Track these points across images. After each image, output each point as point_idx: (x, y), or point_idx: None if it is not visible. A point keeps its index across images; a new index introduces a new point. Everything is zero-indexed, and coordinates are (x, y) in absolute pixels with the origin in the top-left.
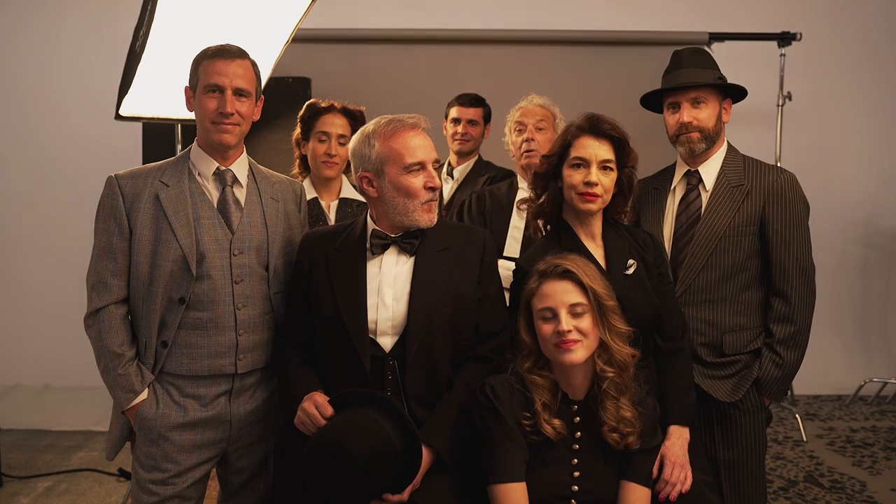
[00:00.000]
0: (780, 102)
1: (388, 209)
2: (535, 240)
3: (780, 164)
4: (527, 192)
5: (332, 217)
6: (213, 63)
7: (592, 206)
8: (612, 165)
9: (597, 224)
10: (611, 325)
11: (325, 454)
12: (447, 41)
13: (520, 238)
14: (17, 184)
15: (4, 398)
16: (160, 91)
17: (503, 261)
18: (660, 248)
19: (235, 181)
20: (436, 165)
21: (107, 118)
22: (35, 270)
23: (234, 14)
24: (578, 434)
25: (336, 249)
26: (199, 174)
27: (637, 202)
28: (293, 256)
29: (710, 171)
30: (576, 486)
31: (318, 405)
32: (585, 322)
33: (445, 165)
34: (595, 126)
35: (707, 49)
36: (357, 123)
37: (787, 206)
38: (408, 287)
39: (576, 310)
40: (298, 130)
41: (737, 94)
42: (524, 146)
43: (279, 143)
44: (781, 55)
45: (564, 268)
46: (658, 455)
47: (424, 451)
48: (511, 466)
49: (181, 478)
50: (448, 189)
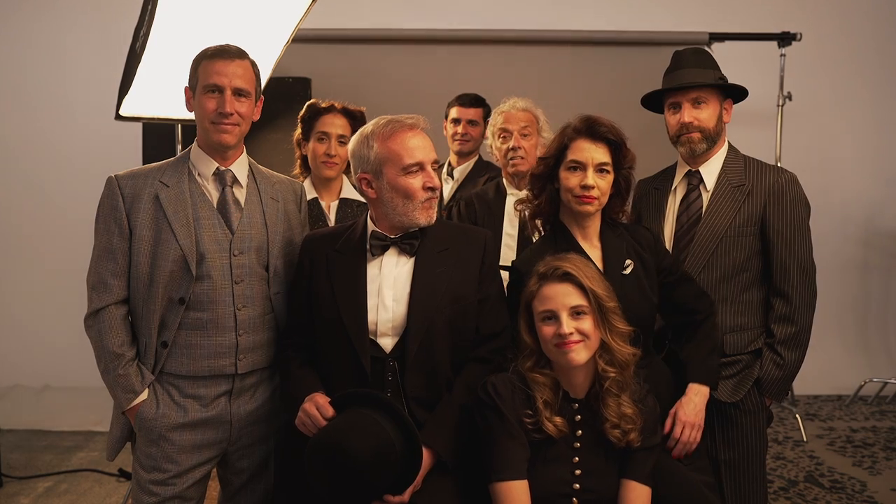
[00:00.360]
0: (781, 102)
1: (387, 210)
2: (532, 240)
3: (781, 164)
4: (516, 197)
5: (333, 217)
6: (213, 63)
7: (589, 209)
8: (609, 168)
9: (594, 224)
10: (611, 326)
11: (325, 454)
12: (447, 41)
13: (514, 245)
14: (18, 184)
15: (4, 398)
16: (160, 91)
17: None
18: (659, 243)
19: (235, 181)
20: (435, 166)
21: (107, 118)
22: (35, 271)
23: (235, 14)
24: (580, 432)
25: (336, 251)
26: (199, 174)
27: (638, 202)
28: (293, 257)
29: (711, 172)
30: (577, 485)
31: (319, 406)
32: (586, 323)
33: (445, 166)
34: (591, 129)
35: (707, 49)
36: (357, 124)
37: (788, 207)
38: (408, 288)
39: (577, 311)
40: (299, 131)
41: (737, 95)
42: (510, 154)
43: (279, 144)
44: (781, 55)
45: (564, 270)
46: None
47: (425, 453)
48: (513, 464)
49: (181, 478)
50: (448, 189)
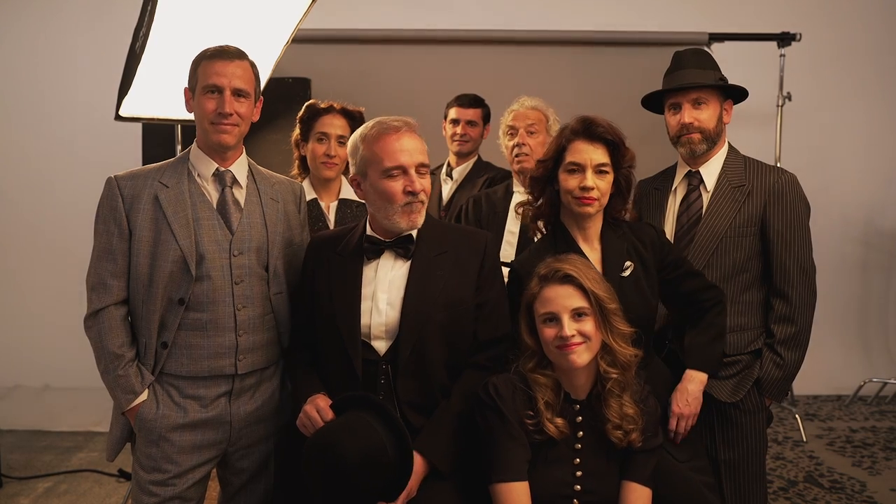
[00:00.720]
0: (780, 103)
1: (374, 212)
2: (534, 239)
3: (780, 165)
4: (522, 196)
5: (332, 218)
6: (212, 64)
7: (590, 210)
8: (608, 168)
9: (595, 225)
10: (613, 327)
11: (318, 455)
12: (447, 41)
13: (514, 242)
14: (17, 184)
15: (4, 399)
16: (160, 92)
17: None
18: (663, 239)
19: (235, 182)
20: (424, 170)
21: (107, 119)
22: (35, 271)
23: (234, 15)
24: (581, 434)
25: (337, 253)
26: (199, 175)
27: (638, 203)
28: (293, 257)
29: (711, 172)
30: (578, 486)
31: (320, 409)
32: (588, 325)
33: (445, 166)
34: (589, 129)
35: (707, 50)
36: (356, 124)
37: (788, 207)
38: (402, 292)
39: (578, 313)
40: (298, 131)
41: (737, 95)
42: (515, 150)
43: (279, 144)
44: (781, 56)
45: (565, 272)
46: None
47: (418, 459)
48: (514, 465)
49: (181, 479)
50: (447, 190)
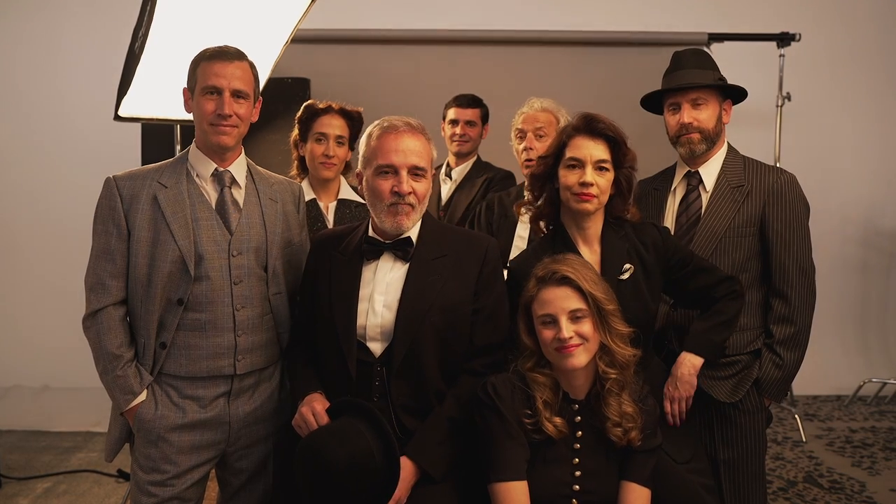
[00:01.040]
0: (780, 103)
1: (370, 210)
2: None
3: (780, 165)
4: None
5: (331, 218)
6: (211, 65)
7: (588, 207)
8: (608, 165)
9: (595, 225)
10: (611, 328)
11: (307, 458)
12: (447, 41)
13: (524, 247)
14: (17, 184)
15: (3, 399)
16: (159, 92)
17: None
18: (667, 241)
19: (234, 182)
20: (418, 173)
21: (106, 119)
22: (34, 271)
23: (234, 15)
24: (580, 433)
25: (339, 252)
26: (198, 175)
27: (637, 203)
28: (292, 257)
29: (711, 172)
30: (577, 486)
31: (315, 412)
32: (586, 326)
33: (444, 166)
34: (590, 125)
35: (706, 50)
36: (355, 124)
37: (788, 207)
38: (398, 294)
39: (576, 315)
40: (296, 132)
41: (737, 96)
42: (524, 155)
43: (278, 144)
44: (780, 56)
45: (563, 274)
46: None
47: (409, 464)
48: (512, 465)
49: (180, 479)
50: (446, 190)
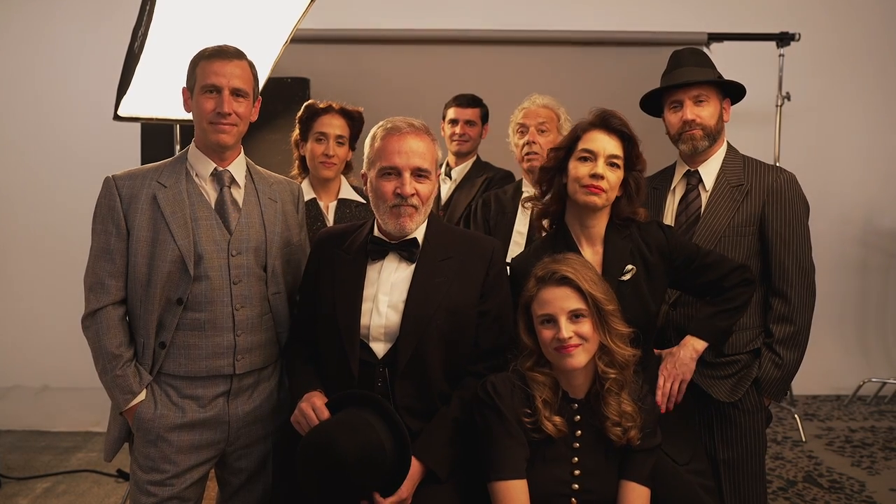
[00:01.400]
0: (779, 103)
1: (374, 210)
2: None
3: (779, 165)
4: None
5: (331, 218)
6: (211, 63)
7: (596, 200)
8: (620, 163)
9: (600, 224)
10: (611, 328)
11: (314, 452)
12: (447, 41)
13: (522, 243)
14: (16, 184)
15: (3, 399)
16: (158, 92)
17: None
18: (672, 242)
19: (233, 182)
20: (423, 174)
21: (105, 119)
22: (33, 271)
23: (233, 14)
24: (579, 432)
25: (343, 251)
26: (197, 175)
27: None
28: (291, 257)
29: (710, 171)
30: (576, 485)
31: (316, 408)
32: (585, 327)
33: (443, 166)
34: (605, 121)
35: (704, 49)
36: (355, 124)
37: (787, 206)
38: (404, 296)
39: (575, 315)
40: (297, 132)
41: (735, 95)
42: (526, 149)
43: (278, 144)
44: (780, 55)
45: (562, 274)
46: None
47: (415, 463)
48: (512, 463)
49: (180, 479)
50: (446, 190)
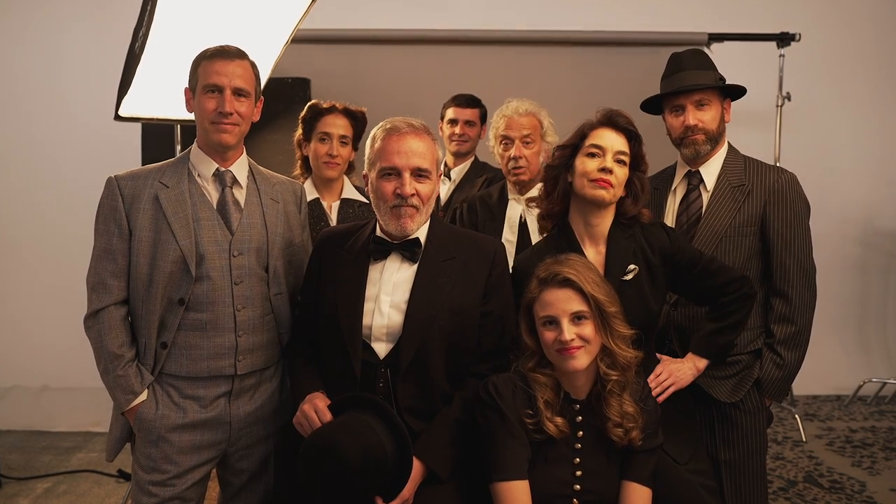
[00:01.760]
0: (779, 103)
1: (375, 212)
2: (531, 244)
3: (780, 165)
4: (518, 204)
5: (334, 218)
6: (213, 63)
7: (605, 195)
8: (627, 160)
9: (604, 223)
10: (613, 330)
11: (316, 456)
12: (447, 42)
13: (512, 251)
14: (17, 184)
15: (3, 399)
16: (159, 92)
17: None
18: (675, 244)
19: (235, 182)
20: (423, 174)
21: (106, 119)
22: (34, 271)
23: (234, 15)
24: (581, 433)
25: (345, 250)
26: (199, 175)
27: None
28: (293, 257)
29: (711, 172)
30: (578, 486)
31: (318, 409)
32: (587, 329)
33: (442, 167)
34: (612, 119)
35: (705, 49)
36: (358, 124)
37: (788, 207)
38: (406, 296)
39: (577, 317)
40: (300, 132)
41: (736, 94)
42: (511, 164)
43: (279, 144)
44: (780, 56)
45: (565, 276)
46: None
47: (416, 464)
48: (514, 464)
49: (181, 479)
50: (445, 190)
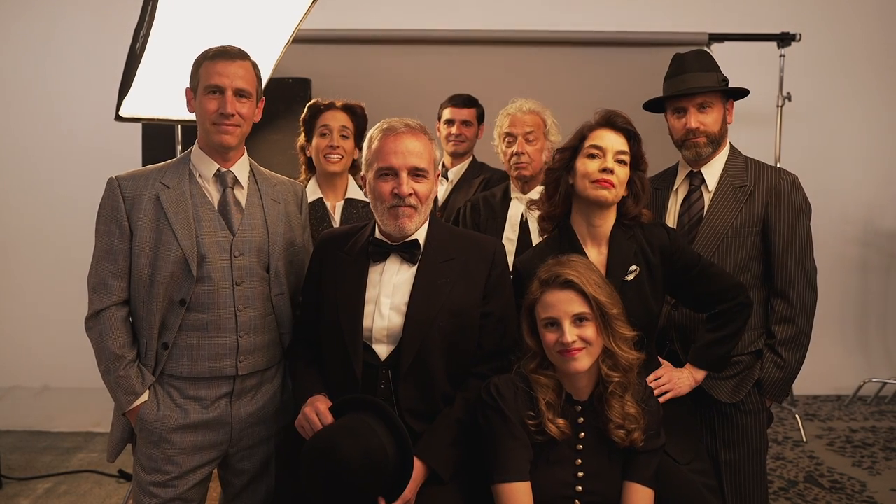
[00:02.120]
0: (780, 103)
1: (374, 212)
2: (532, 244)
3: (780, 165)
4: (521, 202)
5: (338, 218)
6: (214, 64)
7: (607, 195)
8: (627, 159)
9: (606, 223)
10: (615, 332)
11: (318, 457)
12: (447, 42)
13: (513, 250)
14: (17, 184)
15: (3, 399)
16: (160, 92)
17: None
18: (675, 244)
19: (236, 182)
20: (420, 174)
21: (107, 119)
22: (34, 271)
23: (235, 15)
24: (582, 434)
25: (345, 252)
26: (200, 175)
27: None
28: (294, 258)
29: (713, 173)
30: (580, 487)
31: (319, 412)
32: (589, 330)
33: (440, 167)
34: (611, 120)
35: (707, 50)
36: (358, 118)
37: (790, 208)
38: (406, 298)
39: (579, 318)
40: (302, 135)
41: (738, 94)
42: (514, 159)
43: (279, 144)
44: (781, 56)
45: (566, 277)
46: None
47: (418, 464)
48: (515, 465)
49: (182, 480)
50: (443, 191)
